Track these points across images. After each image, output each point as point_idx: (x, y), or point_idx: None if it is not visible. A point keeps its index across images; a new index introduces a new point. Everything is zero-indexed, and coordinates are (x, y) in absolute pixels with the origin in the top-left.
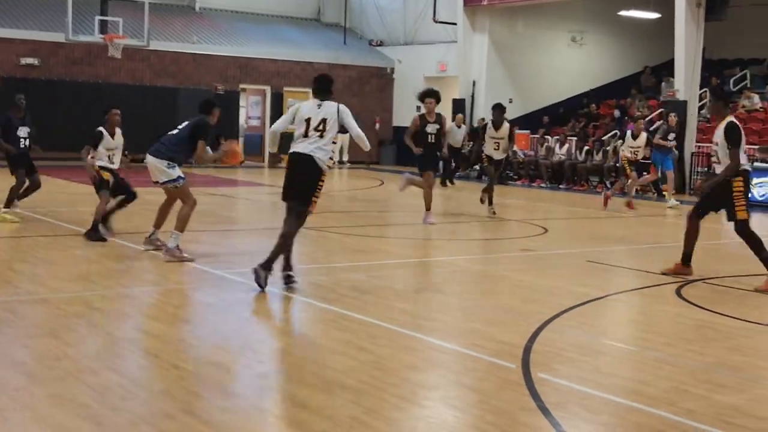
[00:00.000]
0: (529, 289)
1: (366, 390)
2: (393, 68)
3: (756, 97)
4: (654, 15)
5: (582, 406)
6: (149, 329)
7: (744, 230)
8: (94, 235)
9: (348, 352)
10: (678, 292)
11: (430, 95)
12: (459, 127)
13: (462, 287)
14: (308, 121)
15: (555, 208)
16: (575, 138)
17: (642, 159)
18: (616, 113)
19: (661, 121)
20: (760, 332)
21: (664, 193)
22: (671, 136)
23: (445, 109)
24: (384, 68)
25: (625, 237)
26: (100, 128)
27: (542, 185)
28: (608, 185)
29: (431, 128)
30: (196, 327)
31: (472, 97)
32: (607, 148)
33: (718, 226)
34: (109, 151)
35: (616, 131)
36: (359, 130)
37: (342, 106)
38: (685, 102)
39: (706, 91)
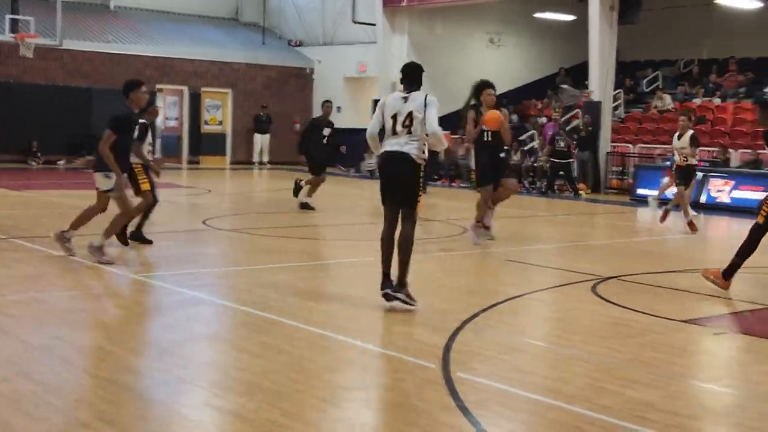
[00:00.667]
0: (450, 289)
1: (285, 392)
2: (312, 68)
3: (668, 98)
4: (569, 17)
5: (501, 405)
6: (64, 335)
7: (752, 230)
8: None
9: (267, 354)
10: (594, 290)
11: (489, 86)
12: None
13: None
14: (395, 117)
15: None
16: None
17: (689, 162)
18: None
19: (579, 121)
20: (672, 328)
21: (580, 192)
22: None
23: (364, 110)
24: (303, 68)
25: (545, 236)
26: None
27: (462, 185)
28: (526, 185)
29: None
30: (113, 332)
31: None
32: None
33: (632, 224)
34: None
35: (534, 131)
36: (436, 126)
37: (430, 97)
38: (599, 103)
39: (620, 92)
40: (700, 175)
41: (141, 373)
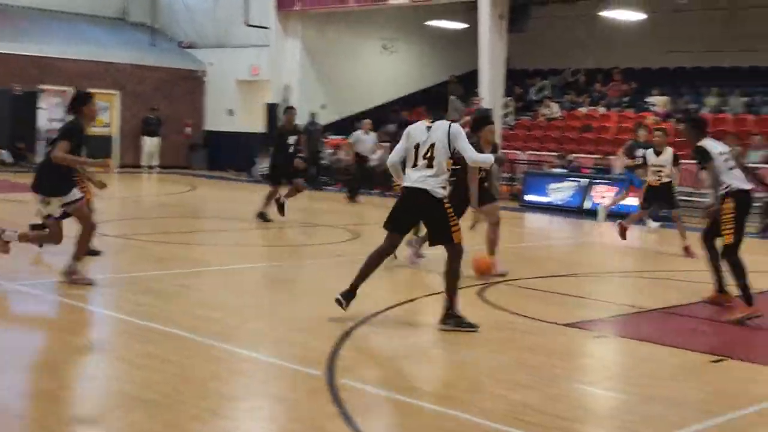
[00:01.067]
0: None
1: (168, 403)
2: (204, 71)
3: (555, 106)
4: (461, 25)
5: (385, 412)
6: None
7: (726, 255)
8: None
9: (150, 364)
10: (480, 295)
11: (490, 122)
12: (367, 134)
13: (271, 295)
14: (417, 147)
15: (368, 213)
16: (388, 144)
17: (663, 181)
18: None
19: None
20: (555, 332)
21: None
22: (639, 152)
23: (258, 113)
24: (195, 71)
25: None
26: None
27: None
28: None
29: None
30: None
31: (285, 101)
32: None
33: (519, 229)
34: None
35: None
36: (475, 153)
37: (454, 127)
38: (489, 110)
39: (510, 100)
40: (585, 181)
41: (9, 388)
